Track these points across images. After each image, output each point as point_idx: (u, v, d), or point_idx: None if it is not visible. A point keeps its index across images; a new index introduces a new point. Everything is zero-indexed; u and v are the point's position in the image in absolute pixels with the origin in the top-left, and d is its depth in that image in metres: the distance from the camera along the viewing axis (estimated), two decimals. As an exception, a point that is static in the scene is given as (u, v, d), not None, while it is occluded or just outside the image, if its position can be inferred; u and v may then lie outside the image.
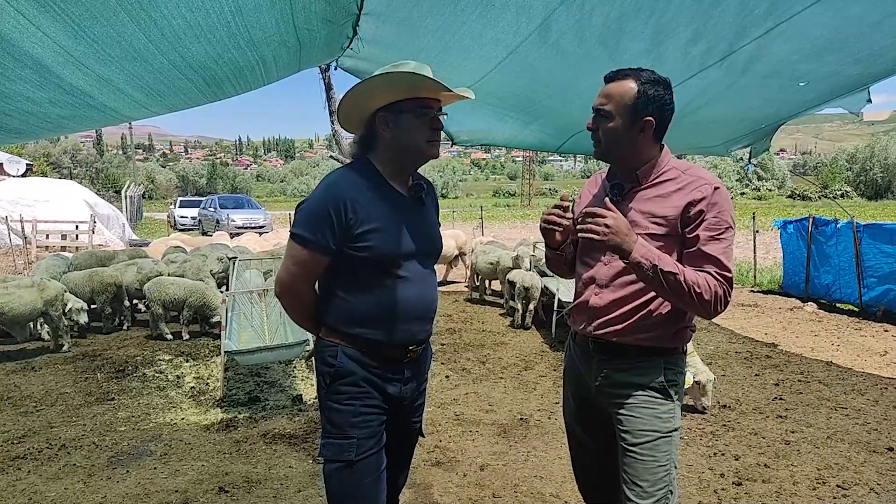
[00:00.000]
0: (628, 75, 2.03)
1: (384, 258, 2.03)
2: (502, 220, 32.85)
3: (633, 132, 2.02)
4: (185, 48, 2.84)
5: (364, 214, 2.01)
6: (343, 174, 2.09)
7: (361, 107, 2.10)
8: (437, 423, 4.87)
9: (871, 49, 3.13)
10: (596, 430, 2.28)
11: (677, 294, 1.93)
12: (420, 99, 2.06)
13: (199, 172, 71.96)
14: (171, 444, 4.50)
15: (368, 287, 2.05)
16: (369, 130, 2.13)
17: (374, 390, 2.08)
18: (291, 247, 2.06)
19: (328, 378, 2.08)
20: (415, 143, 2.10)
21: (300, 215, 2.05)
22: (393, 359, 2.11)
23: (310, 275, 2.08)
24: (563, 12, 2.94)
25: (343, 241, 2.01)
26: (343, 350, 2.07)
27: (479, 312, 9.44)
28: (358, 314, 2.06)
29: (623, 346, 2.08)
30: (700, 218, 1.96)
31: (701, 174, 2.03)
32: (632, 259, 1.90)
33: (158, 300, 7.39)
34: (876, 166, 64.12)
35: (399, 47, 3.76)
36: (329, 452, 2.08)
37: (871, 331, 8.29)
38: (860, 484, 3.85)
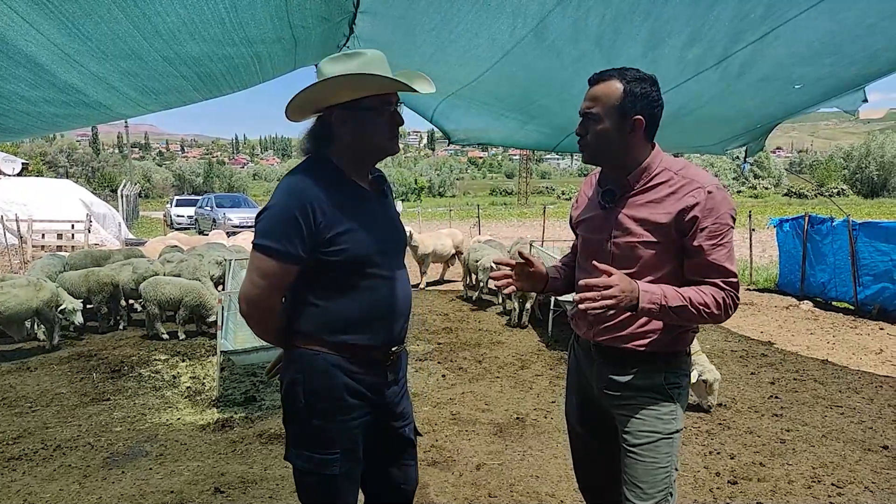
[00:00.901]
0: (612, 76, 2.00)
1: (359, 260, 1.94)
2: (499, 219, 32.85)
3: (624, 133, 1.98)
4: (180, 45, 2.82)
5: (333, 216, 1.90)
6: (303, 175, 1.95)
7: (316, 103, 1.98)
8: (434, 422, 4.86)
9: (867, 51, 3.13)
10: (598, 430, 2.28)
11: (688, 320, 1.94)
12: (379, 95, 1.95)
13: (196, 171, 71.81)
14: (167, 444, 4.49)
15: (345, 290, 1.95)
16: (324, 125, 2.01)
17: (357, 398, 2.00)
18: (257, 258, 1.89)
19: (307, 391, 1.97)
20: (375, 141, 2.00)
21: (263, 224, 1.90)
22: (377, 362, 2.03)
23: (280, 287, 1.94)
24: (559, 14, 2.93)
25: (313, 247, 1.89)
26: (325, 358, 1.95)
27: (476, 311, 9.43)
28: (338, 320, 1.95)
29: (625, 351, 2.07)
30: (696, 225, 1.92)
31: (694, 175, 1.98)
32: (640, 311, 1.88)
33: (154, 300, 7.37)
34: (872, 164, 64.26)
35: (395, 46, 3.75)
36: (308, 465, 1.99)
37: (867, 329, 8.31)
38: (855, 482, 3.86)
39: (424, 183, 76.36)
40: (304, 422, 1.99)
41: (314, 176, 1.94)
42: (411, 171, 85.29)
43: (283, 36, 3.17)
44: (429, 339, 7.67)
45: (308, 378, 1.97)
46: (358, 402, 2.00)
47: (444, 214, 30.30)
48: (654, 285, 1.91)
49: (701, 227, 1.92)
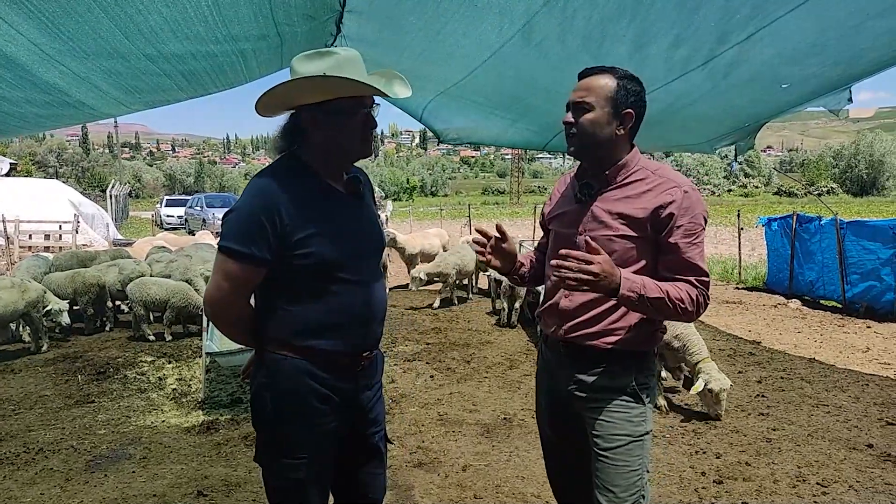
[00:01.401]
0: (605, 71, 2.04)
1: (328, 264, 1.89)
2: (491, 218, 32.86)
3: (613, 125, 2.01)
4: (163, 43, 2.80)
5: (300, 219, 1.85)
6: (272, 176, 1.90)
7: (287, 101, 1.94)
8: (421, 423, 4.85)
9: (852, 51, 3.14)
10: (568, 433, 2.27)
11: (662, 312, 1.95)
12: (352, 97, 1.90)
13: (187, 171, 71.45)
14: (151, 447, 4.45)
15: (314, 295, 1.91)
16: (296, 124, 1.96)
17: (326, 404, 1.95)
18: (222, 261, 1.86)
19: (274, 396, 1.93)
20: (347, 144, 1.96)
21: (229, 226, 1.86)
22: (346, 367, 1.99)
23: (245, 290, 1.91)
24: (546, 15, 2.93)
25: (280, 251, 1.85)
26: (293, 363, 1.91)
27: (466, 311, 9.42)
28: (306, 325, 1.91)
29: (594, 349, 2.06)
30: (672, 223, 1.95)
31: (670, 175, 2.03)
32: (620, 296, 1.89)
33: (140, 301, 7.32)
34: (861, 163, 64.71)
35: (383, 45, 3.74)
36: (276, 469, 1.97)
37: (854, 327, 8.35)
38: (840, 481, 3.87)
39: (416, 182, 76.34)
40: (272, 427, 1.97)
41: (283, 177, 1.90)
42: (403, 170, 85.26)
43: (267, 34, 3.15)
44: (418, 339, 7.64)
45: (275, 383, 1.94)
46: (327, 408, 1.96)
47: (436, 214, 30.29)
48: (634, 275, 1.93)
49: (677, 224, 1.95)
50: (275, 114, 2.00)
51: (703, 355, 4.86)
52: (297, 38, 3.38)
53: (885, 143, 66.43)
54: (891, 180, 66.03)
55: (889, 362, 6.62)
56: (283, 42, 3.35)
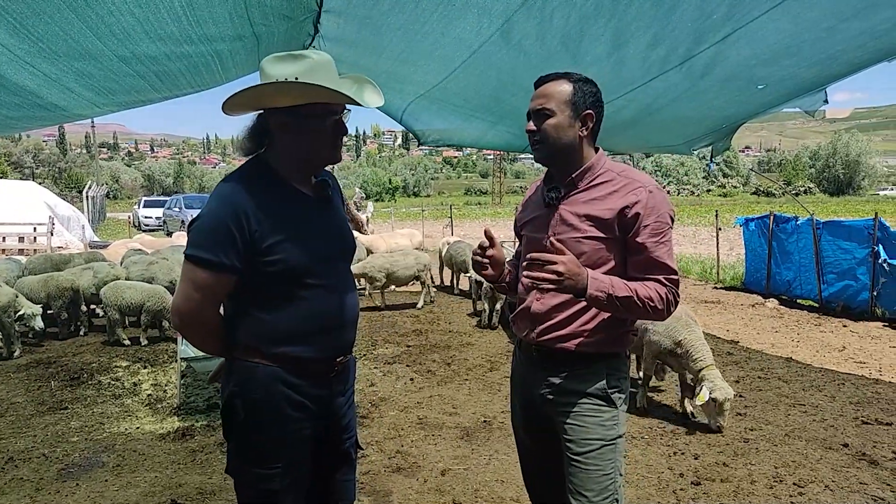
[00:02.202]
0: (559, 76, 2.05)
1: (298, 269, 1.86)
2: (473, 219, 32.88)
3: (575, 128, 2.03)
4: (136, 45, 2.75)
5: (269, 225, 1.82)
6: (238, 181, 1.86)
7: (256, 103, 1.89)
8: (400, 427, 4.81)
9: (827, 53, 3.17)
10: (541, 437, 2.26)
11: (631, 311, 1.95)
12: (322, 103, 1.86)
13: (166, 171, 70.80)
14: (125, 454, 4.37)
15: (285, 301, 1.88)
16: (263, 125, 1.92)
17: (300, 412, 1.91)
18: (189, 270, 1.81)
19: (246, 404, 1.89)
20: (315, 150, 1.92)
21: (196, 234, 1.82)
22: (320, 373, 1.96)
23: (214, 299, 1.87)
24: (524, 14, 2.93)
25: (249, 257, 1.81)
26: (265, 370, 1.87)
27: (447, 313, 9.40)
28: (278, 331, 1.87)
29: (566, 352, 2.06)
30: (639, 222, 1.96)
31: (635, 176, 2.05)
32: (588, 297, 1.89)
33: (115, 305, 7.20)
34: (838, 163, 65.78)
35: (362, 46, 3.71)
36: (248, 479, 1.93)
37: (831, 326, 8.45)
38: (816, 481, 3.89)
39: (399, 183, 76.23)
40: (244, 435, 1.93)
41: (250, 182, 1.87)
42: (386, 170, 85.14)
43: (243, 34, 3.10)
44: (398, 341, 7.61)
45: (247, 391, 1.90)
46: (301, 415, 1.93)
47: (418, 214, 30.23)
48: (602, 274, 1.94)
49: (643, 224, 1.96)
50: (241, 113, 1.96)
51: (707, 362, 4.65)
52: (273, 38, 3.33)
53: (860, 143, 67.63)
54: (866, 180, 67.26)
55: (864, 361, 6.70)
56: (259, 42, 3.30)
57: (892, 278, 8.39)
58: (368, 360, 6.77)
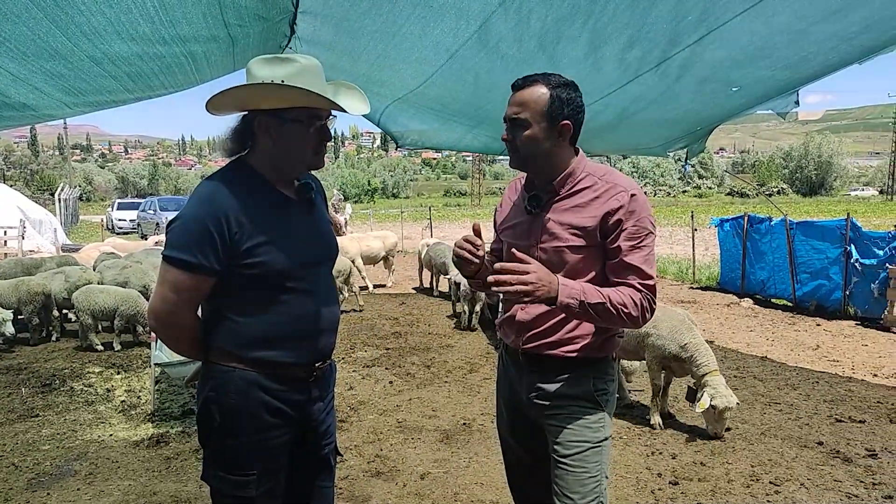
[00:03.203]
0: (537, 80, 1.98)
1: (279, 273, 1.84)
2: (452, 220, 32.92)
3: (552, 139, 1.98)
4: (107, 44, 2.70)
5: (250, 227, 1.79)
6: (220, 182, 1.84)
7: (241, 103, 1.87)
8: (379, 431, 4.78)
9: (799, 55, 3.21)
10: (528, 440, 2.25)
11: (606, 319, 1.91)
12: (308, 108, 1.84)
13: (140, 173, 69.91)
14: (98, 462, 4.28)
15: (264, 305, 1.85)
16: (247, 127, 1.89)
17: (277, 418, 1.88)
18: (168, 272, 1.78)
19: (222, 409, 1.85)
20: (300, 156, 1.91)
21: (175, 235, 1.79)
22: (298, 379, 1.93)
23: (192, 302, 1.83)
24: (501, 16, 2.92)
25: (229, 260, 1.78)
26: (241, 375, 1.84)
27: (426, 314, 9.38)
28: (256, 336, 1.84)
29: (553, 358, 2.05)
30: (619, 228, 1.93)
31: (618, 180, 2.00)
32: (559, 304, 1.85)
33: (87, 310, 7.06)
34: (810, 164, 67.02)
35: (339, 48, 3.67)
36: (224, 486, 1.89)
37: (805, 325, 8.58)
38: (791, 479, 3.94)
39: (378, 184, 76.06)
40: (220, 441, 1.89)
41: (231, 183, 1.84)
42: (364, 172, 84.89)
43: (217, 35, 3.06)
44: (377, 344, 7.57)
45: (223, 396, 1.86)
46: (279, 421, 1.90)
47: (397, 216, 30.16)
48: (573, 281, 1.90)
49: (622, 228, 1.93)
50: (225, 114, 1.93)
51: (710, 368, 4.54)
52: (249, 39, 3.29)
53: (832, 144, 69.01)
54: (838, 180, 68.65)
55: (838, 359, 6.81)
56: (234, 43, 3.26)
57: (864, 278, 8.54)
58: (347, 363, 6.72)
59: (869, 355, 6.97)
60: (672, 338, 4.66)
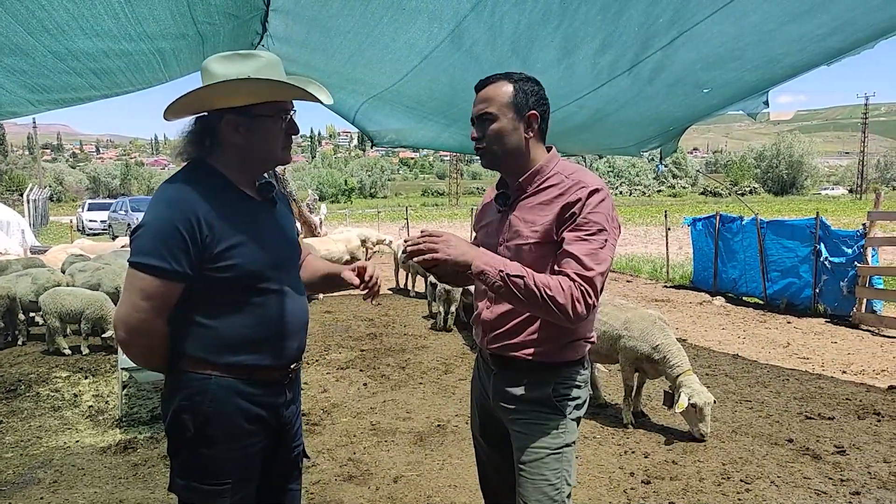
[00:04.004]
0: (499, 77, 1.99)
1: (250, 275, 1.79)
2: (430, 220, 32.86)
3: (520, 130, 1.97)
4: (71, 41, 2.64)
5: (221, 229, 1.75)
6: (184, 184, 1.78)
7: (205, 104, 1.82)
8: (353, 434, 4.73)
9: (769, 56, 3.24)
10: (497, 443, 2.23)
11: (530, 300, 1.82)
12: (276, 102, 1.82)
13: (112, 173, 68.85)
14: (63, 469, 4.18)
15: (237, 308, 1.80)
16: (208, 128, 1.84)
17: (255, 424, 1.84)
18: (136, 278, 1.71)
19: (197, 418, 1.78)
20: (270, 151, 1.87)
21: (142, 240, 1.72)
22: (276, 382, 1.90)
23: (164, 309, 1.75)
24: (474, 19, 2.91)
25: (200, 263, 1.73)
26: (218, 382, 1.78)
27: (402, 315, 9.34)
28: (231, 340, 1.80)
29: (516, 360, 2.03)
30: (572, 220, 1.88)
31: (583, 178, 1.94)
32: (475, 269, 1.82)
33: (55, 312, 6.90)
34: (781, 163, 68.22)
35: (311, 46, 3.64)
36: (196, 497, 1.83)
37: (775, 323, 8.69)
38: (762, 477, 3.97)
39: (355, 184, 75.78)
40: (193, 451, 1.83)
41: (197, 185, 1.78)
42: (342, 171, 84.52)
43: (186, 32, 3.01)
44: (352, 345, 7.51)
45: (197, 405, 1.80)
46: (256, 428, 1.86)
47: (374, 216, 30.06)
48: (496, 255, 1.90)
49: (573, 220, 1.88)
50: (184, 117, 1.88)
51: (683, 368, 4.54)
52: (219, 36, 3.24)
53: (803, 144, 70.32)
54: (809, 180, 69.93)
55: (808, 357, 6.91)
56: (204, 41, 3.21)
57: (834, 276, 8.68)
58: (321, 365, 6.66)
59: (838, 352, 7.09)
60: (644, 339, 4.67)
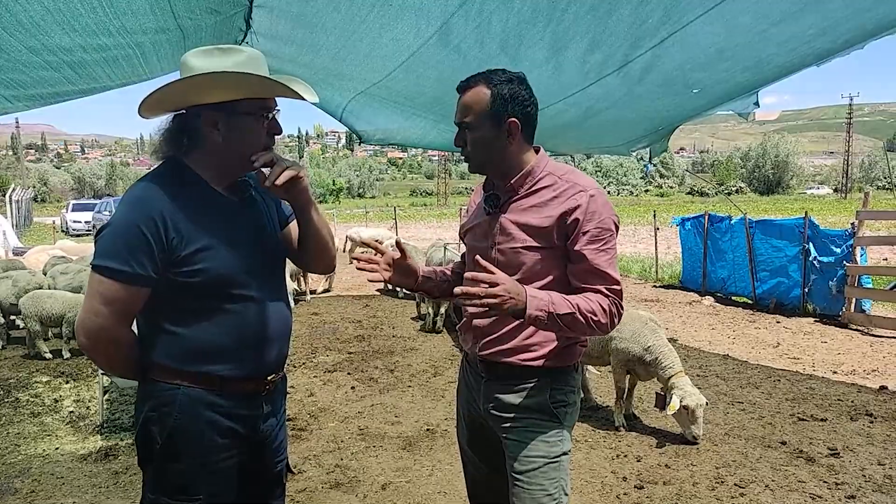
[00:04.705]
0: (478, 81, 1.93)
1: (221, 280, 1.70)
2: (418, 220, 32.79)
3: (501, 138, 1.91)
4: (46, 35, 2.55)
5: (189, 231, 1.67)
6: (153, 184, 1.70)
7: (183, 99, 1.74)
8: (340, 439, 4.64)
9: (759, 57, 3.21)
10: (486, 453, 2.16)
11: (575, 329, 1.82)
12: (258, 99, 1.74)
13: (97, 173, 68.26)
14: (41, 478, 4.06)
15: (208, 315, 1.71)
16: (186, 126, 1.76)
17: (227, 438, 1.75)
18: (98, 282, 1.63)
19: (164, 431, 1.71)
20: (251, 150, 1.75)
21: (105, 242, 1.64)
22: (249, 394, 1.79)
23: (127, 314, 1.68)
24: (462, 17, 2.87)
25: (165, 267, 1.65)
26: (187, 393, 1.70)
27: (391, 317, 9.25)
28: (200, 349, 1.71)
29: (510, 366, 1.96)
30: (578, 229, 1.84)
31: (578, 180, 1.92)
32: (528, 317, 1.75)
33: (35, 316, 6.75)
34: (767, 163, 68.87)
35: (297, 43, 3.57)
36: None
37: (765, 322, 8.69)
38: (756, 481, 3.92)
39: (343, 184, 75.59)
40: (162, 465, 1.74)
41: (166, 184, 1.70)
42: (330, 171, 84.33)
43: (167, 27, 2.92)
44: (339, 348, 7.41)
45: (165, 416, 1.71)
46: (228, 442, 1.76)
47: (362, 216, 29.93)
48: (541, 291, 1.81)
49: (583, 230, 1.84)
50: (160, 114, 1.80)
51: (675, 370, 4.49)
52: (202, 32, 3.16)
53: (788, 144, 71.08)
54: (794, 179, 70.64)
55: (798, 357, 6.90)
56: (185, 37, 3.12)
57: (823, 275, 8.69)
58: (308, 368, 6.56)
59: (828, 352, 7.08)
60: (636, 340, 4.61)
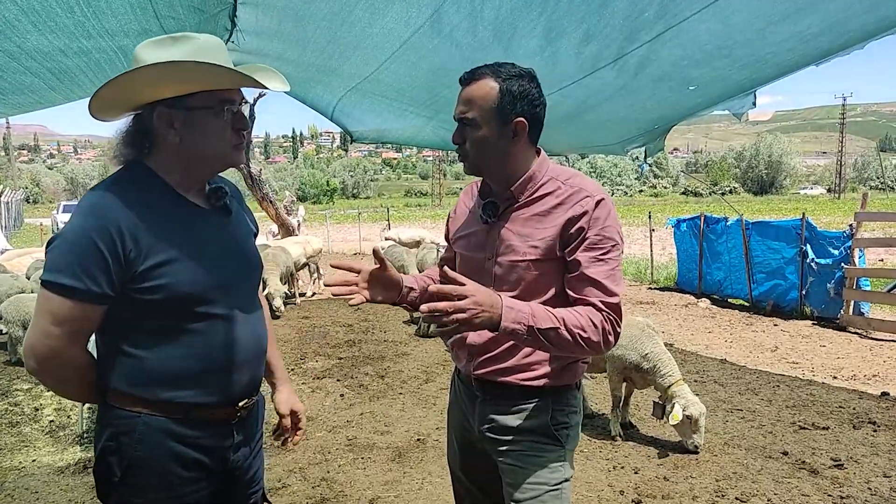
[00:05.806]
0: (485, 74, 1.72)
1: (186, 297, 1.54)
2: (413, 221, 32.63)
3: (506, 139, 1.73)
4: (23, 38, 2.41)
5: (149, 243, 1.50)
6: (110, 191, 1.53)
7: (132, 98, 1.57)
8: (327, 450, 4.48)
9: (757, 55, 3.13)
10: (480, 478, 2.01)
11: (562, 347, 1.64)
12: (217, 91, 1.56)
13: (90, 174, 68.00)
14: (15, 493, 3.89)
15: (171, 336, 1.55)
16: (143, 126, 1.59)
17: (194, 471, 1.59)
18: (47, 300, 1.47)
19: (123, 462, 1.54)
20: (214, 150, 1.60)
21: (56, 255, 1.48)
22: (218, 422, 1.62)
23: (80, 334, 1.52)
24: (453, 5, 2.75)
25: (122, 283, 1.48)
26: (147, 421, 1.54)
27: (382, 321, 9.10)
28: (163, 373, 1.54)
29: (507, 386, 1.80)
30: (581, 236, 1.68)
31: (583, 184, 1.75)
32: (503, 330, 1.57)
33: (17, 321, 6.58)
34: (761, 163, 69.16)
35: (284, 37, 3.46)
36: None
37: (762, 325, 8.57)
38: (758, 495, 3.78)
39: (337, 184, 75.47)
40: (122, 500, 1.58)
41: (124, 190, 1.52)
42: (324, 172, 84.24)
43: (149, 28, 2.79)
44: (329, 353, 7.25)
45: (124, 446, 1.54)
46: (195, 475, 1.60)
47: (355, 217, 29.76)
48: (521, 302, 1.62)
49: (584, 237, 1.68)
50: (118, 115, 1.62)
51: (675, 378, 4.36)
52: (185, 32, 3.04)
53: (782, 144, 71.40)
54: (788, 179, 70.91)
55: (797, 361, 6.77)
56: (170, 39, 3.00)
57: (820, 277, 8.58)
58: (296, 374, 6.40)
59: (828, 356, 6.97)
60: (633, 348, 4.46)
